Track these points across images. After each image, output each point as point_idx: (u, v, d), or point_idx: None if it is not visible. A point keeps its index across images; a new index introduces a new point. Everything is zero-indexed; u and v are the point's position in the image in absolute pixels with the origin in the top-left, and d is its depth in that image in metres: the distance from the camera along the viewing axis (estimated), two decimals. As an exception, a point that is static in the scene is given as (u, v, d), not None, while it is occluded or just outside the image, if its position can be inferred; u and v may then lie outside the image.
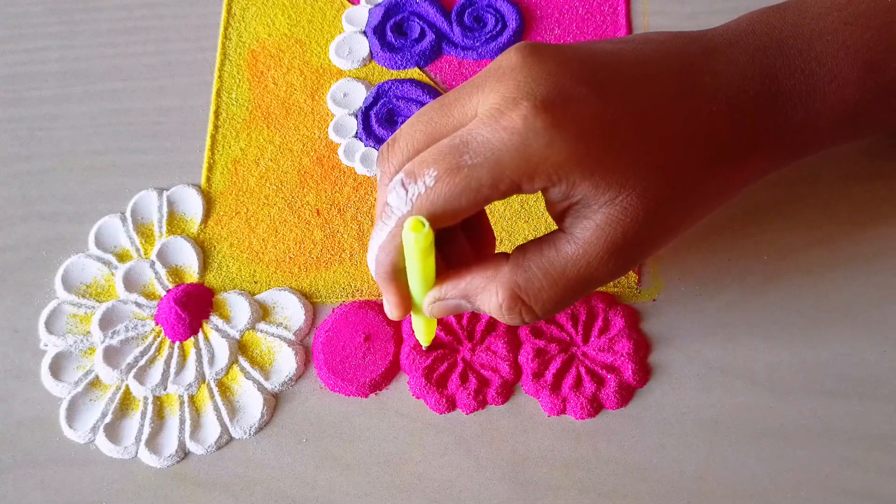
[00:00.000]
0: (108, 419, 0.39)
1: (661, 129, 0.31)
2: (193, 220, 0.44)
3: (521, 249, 0.33)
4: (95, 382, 0.40)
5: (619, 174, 0.30)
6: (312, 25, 0.48)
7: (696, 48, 0.33)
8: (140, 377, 0.40)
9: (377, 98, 0.45)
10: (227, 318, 0.41)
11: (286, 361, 0.40)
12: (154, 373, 0.40)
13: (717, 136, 0.32)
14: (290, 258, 0.43)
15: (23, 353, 0.41)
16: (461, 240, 0.35)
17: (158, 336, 0.41)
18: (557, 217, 0.33)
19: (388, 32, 0.47)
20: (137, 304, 0.41)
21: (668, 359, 0.39)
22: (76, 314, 0.42)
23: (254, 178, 0.44)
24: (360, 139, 0.45)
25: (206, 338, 0.41)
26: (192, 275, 0.42)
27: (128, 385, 0.40)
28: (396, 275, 0.33)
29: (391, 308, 0.35)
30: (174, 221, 0.44)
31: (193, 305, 0.41)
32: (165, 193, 0.44)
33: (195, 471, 0.38)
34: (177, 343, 0.41)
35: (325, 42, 0.48)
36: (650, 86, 0.32)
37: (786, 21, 0.34)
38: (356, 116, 0.45)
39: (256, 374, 0.40)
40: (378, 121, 0.45)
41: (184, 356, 0.40)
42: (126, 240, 0.43)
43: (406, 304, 0.35)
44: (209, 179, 0.45)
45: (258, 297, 0.42)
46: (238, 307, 0.41)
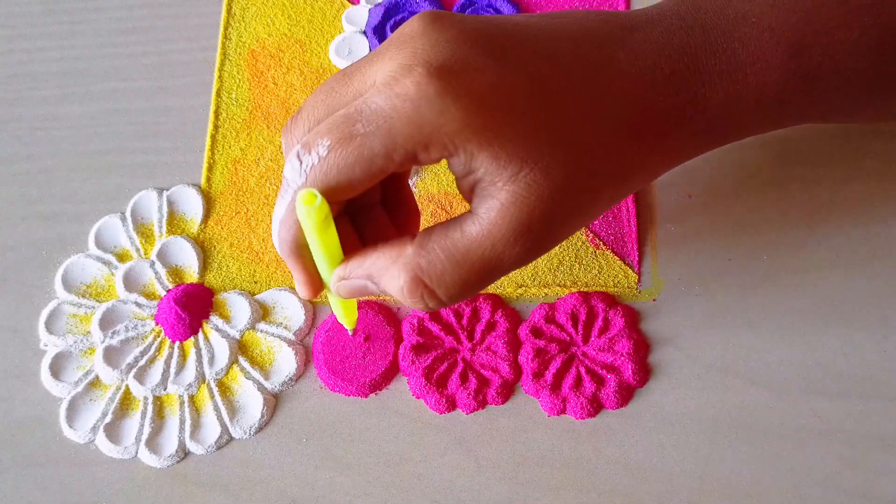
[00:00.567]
0: (108, 419, 0.39)
1: (568, 104, 0.30)
2: (193, 220, 0.44)
3: (428, 231, 0.31)
4: (95, 382, 0.40)
5: (520, 147, 0.29)
6: (312, 25, 0.48)
7: (614, 25, 0.32)
8: (140, 377, 0.40)
9: (377, 98, 0.45)
10: (227, 318, 0.41)
11: (286, 361, 0.40)
12: (154, 373, 0.40)
13: (630, 114, 0.31)
14: (290, 258, 0.43)
15: (23, 353, 0.41)
16: (381, 216, 0.33)
17: (158, 336, 0.41)
18: (467, 197, 0.31)
19: (388, 32, 0.47)
20: (137, 304, 0.41)
21: (668, 359, 0.39)
22: (76, 314, 0.42)
23: (254, 178, 0.44)
24: (360, 139, 0.45)
25: (206, 338, 0.41)
26: (192, 275, 0.42)
27: (128, 385, 0.40)
28: (300, 251, 0.32)
29: (299, 286, 0.34)
30: (174, 221, 0.44)
31: (193, 305, 0.41)
32: (165, 193, 0.44)
33: (195, 471, 0.38)
34: (177, 343, 0.41)
35: (325, 42, 0.48)
36: (559, 59, 0.30)
37: (713, 2, 0.33)
38: (356, 116, 0.45)
39: (256, 374, 0.40)
40: (378, 121, 0.45)
41: (184, 356, 0.40)
42: (126, 240, 0.43)
43: (314, 283, 0.33)
44: (209, 179, 0.45)
45: (258, 297, 0.42)
46: (238, 307, 0.41)
